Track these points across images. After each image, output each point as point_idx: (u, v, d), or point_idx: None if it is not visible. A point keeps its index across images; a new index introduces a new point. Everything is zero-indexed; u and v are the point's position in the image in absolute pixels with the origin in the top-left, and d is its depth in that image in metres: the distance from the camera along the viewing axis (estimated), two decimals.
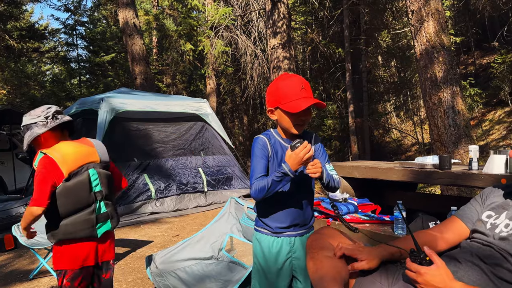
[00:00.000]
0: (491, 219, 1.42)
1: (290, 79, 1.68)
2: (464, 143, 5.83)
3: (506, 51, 14.37)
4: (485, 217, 1.45)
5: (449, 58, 6.21)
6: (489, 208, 1.47)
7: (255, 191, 1.61)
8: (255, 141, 1.74)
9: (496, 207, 1.45)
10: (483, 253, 1.33)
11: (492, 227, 1.39)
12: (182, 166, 5.97)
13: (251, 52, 10.43)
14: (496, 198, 1.50)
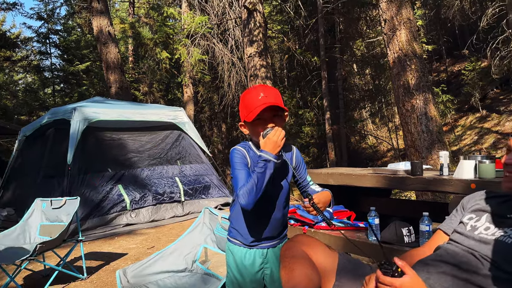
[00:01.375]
0: (471, 221, 1.43)
1: (251, 91, 1.64)
2: (437, 149, 5.96)
3: (476, 59, 14.86)
4: (466, 219, 1.46)
5: (421, 65, 6.36)
6: (470, 211, 1.49)
7: (244, 196, 1.51)
8: (232, 152, 1.68)
9: (476, 210, 1.47)
10: (459, 260, 1.33)
11: (472, 229, 1.40)
12: (158, 175, 5.88)
13: (228, 60, 10.43)
14: (477, 202, 1.51)
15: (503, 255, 1.24)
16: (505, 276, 1.23)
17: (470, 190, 2.41)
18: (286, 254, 1.54)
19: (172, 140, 6.36)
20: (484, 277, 1.25)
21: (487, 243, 1.31)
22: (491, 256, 1.26)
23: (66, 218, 3.41)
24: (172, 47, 11.61)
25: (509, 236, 1.28)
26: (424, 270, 1.35)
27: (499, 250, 1.26)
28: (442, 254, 1.39)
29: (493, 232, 1.33)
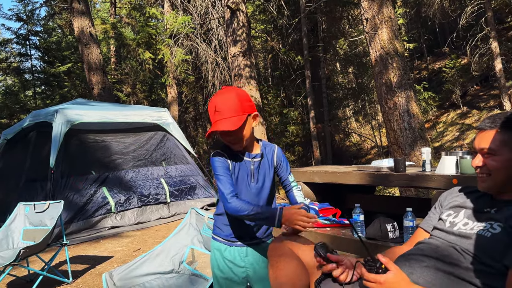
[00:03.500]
0: (450, 217, 1.46)
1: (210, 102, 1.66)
2: (419, 145, 6.05)
3: (456, 56, 15.15)
4: (445, 216, 1.49)
5: (403, 63, 6.45)
6: (448, 207, 1.52)
7: (235, 209, 1.56)
8: (213, 161, 1.69)
9: (454, 207, 1.50)
10: (441, 253, 1.36)
11: (451, 225, 1.43)
12: (143, 177, 5.83)
13: (212, 60, 10.40)
14: (454, 199, 1.55)
15: (483, 249, 1.28)
16: (486, 269, 1.26)
17: (452, 185, 2.46)
18: (273, 253, 1.55)
19: (157, 141, 6.31)
20: (466, 270, 1.28)
21: (467, 237, 1.34)
22: (471, 250, 1.30)
23: (50, 222, 3.36)
24: (155, 48, 11.52)
25: (488, 230, 1.31)
26: (406, 265, 1.37)
27: (479, 244, 1.29)
28: (424, 248, 1.42)
29: (472, 227, 1.37)
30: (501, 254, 1.23)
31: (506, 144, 1.33)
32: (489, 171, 1.36)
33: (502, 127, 1.34)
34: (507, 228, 1.27)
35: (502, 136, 1.34)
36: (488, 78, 14.87)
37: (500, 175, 1.34)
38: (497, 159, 1.34)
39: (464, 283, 1.28)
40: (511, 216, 1.29)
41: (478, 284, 1.26)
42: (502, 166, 1.33)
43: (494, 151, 1.34)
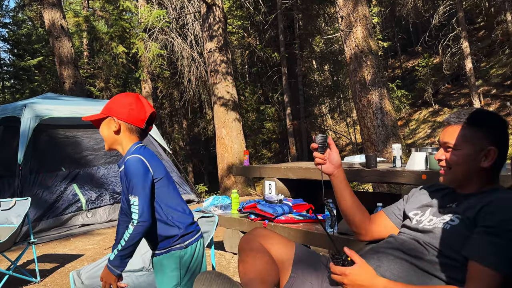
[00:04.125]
0: (417, 216, 1.49)
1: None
2: (392, 142, 6.16)
3: (429, 55, 15.51)
4: (412, 215, 1.52)
5: (377, 62, 6.54)
6: (416, 207, 1.55)
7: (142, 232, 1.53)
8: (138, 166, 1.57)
9: (421, 206, 1.53)
10: (407, 246, 1.39)
11: (417, 223, 1.46)
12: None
13: (188, 55, 10.28)
14: (422, 198, 1.58)
15: (444, 241, 1.31)
16: (448, 261, 1.29)
17: (421, 180, 2.51)
18: (244, 248, 1.54)
19: None
20: (429, 262, 1.31)
21: (430, 231, 1.37)
22: (433, 243, 1.33)
23: (16, 219, 3.26)
24: (129, 42, 11.30)
25: (447, 223, 1.34)
26: (375, 258, 1.40)
27: (440, 236, 1.32)
28: (391, 242, 1.45)
29: (435, 222, 1.40)
30: (460, 246, 1.27)
31: (467, 140, 1.36)
32: (450, 165, 1.39)
33: (466, 123, 1.37)
34: (465, 219, 1.30)
35: (464, 131, 1.36)
36: (459, 77, 15.30)
37: (460, 169, 1.37)
38: (458, 154, 1.37)
39: (428, 275, 1.31)
40: (469, 208, 1.32)
41: (441, 276, 1.29)
42: (462, 160, 1.36)
43: (456, 145, 1.37)
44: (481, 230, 1.24)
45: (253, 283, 1.34)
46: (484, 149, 1.35)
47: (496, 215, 1.23)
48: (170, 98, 17.22)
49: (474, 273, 1.19)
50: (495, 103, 12.75)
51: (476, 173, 1.37)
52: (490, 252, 1.18)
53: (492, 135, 1.37)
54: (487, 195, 1.34)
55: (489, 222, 1.23)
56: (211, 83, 8.73)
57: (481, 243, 1.21)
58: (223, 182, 8.68)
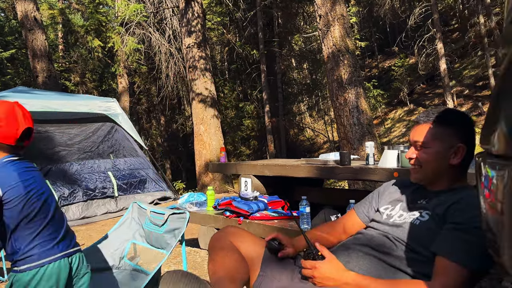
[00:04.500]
0: (387, 211, 1.51)
1: None
2: (367, 140, 6.24)
3: (405, 56, 15.79)
4: (383, 209, 1.53)
5: (354, 61, 6.61)
6: (387, 202, 1.56)
7: None
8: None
9: (392, 201, 1.55)
10: (375, 242, 1.40)
11: (388, 218, 1.47)
12: (89, 170, 5.60)
13: (166, 50, 10.15)
14: (392, 193, 1.59)
15: (413, 236, 1.33)
16: (416, 256, 1.31)
17: (393, 178, 2.55)
18: (215, 246, 1.53)
19: (104, 133, 6.07)
20: (397, 257, 1.33)
21: (399, 226, 1.39)
22: (402, 238, 1.35)
23: None
24: (105, 35, 11.06)
25: (417, 218, 1.37)
26: (345, 254, 1.41)
27: (409, 232, 1.34)
28: (360, 238, 1.47)
29: (405, 217, 1.42)
30: (429, 241, 1.29)
31: (437, 137, 1.38)
32: (420, 163, 1.41)
33: (434, 121, 1.40)
34: (434, 216, 1.33)
35: (434, 129, 1.39)
36: (433, 78, 15.64)
37: (430, 167, 1.40)
38: (428, 152, 1.39)
39: (396, 270, 1.33)
40: (438, 205, 1.35)
41: (408, 271, 1.31)
42: (432, 158, 1.39)
43: (426, 143, 1.39)
44: (450, 227, 1.27)
45: (222, 281, 1.33)
46: (453, 146, 1.37)
47: (465, 212, 1.26)
48: (148, 93, 16.98)
49: (442, 268, 1.22)
50: (467, 103, 13.10)
51: (446, 170, 1.40)
52: (458, 248, 1.21)
53: (461, 132, 1.40)
54: (457, 192, 1.37)
55: (458, 219, 1.26)
56: (189, 79, 8.64)
57: (449, 239, 1.24)
58: (201, 179, 8.62)
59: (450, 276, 1.19)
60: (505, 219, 0.70)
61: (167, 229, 2.06)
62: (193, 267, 3.17)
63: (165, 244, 2.06)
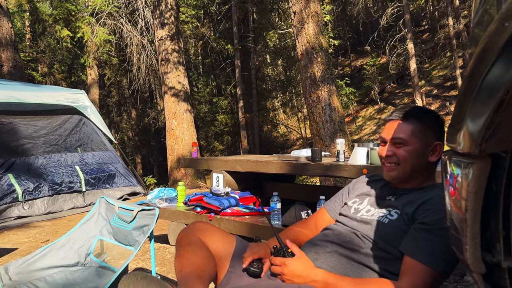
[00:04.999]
0: (355, 204, 1.52)
1: None
2: (339, 137, 6.33)
3: (376, 55, 16.09)
4: (351, 203, 1.54)
5: (327, 59, 6.67)
6: (355, 195, 1.57)
7: None
8: None
9: (360, 195, 1.56)
10: (344, 239, 1.41)
11: (355, 212, 1.48)
12: (56, 164, 5.41)
13: (138, 42, 9.93)
14: (361, 187, 1.61)
15: (381, 235, 1.34)
16: (384, 254, 1.32)
17: (362, 174, 2.58)
18: (182, 242, 1.50)
19: (72, 126, 5.89)
20: (365, 255, 1.34)
21: (367, 223, 1.40)
22: (370, 236, 1.36)
23: None
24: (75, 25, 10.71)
25: (386, 217, 1.38)
26: (312, 251, 1.41)
27: (377, 229, 1.36)
28: (329, 234, 1.47)
29: (373, 213, 1.43)
30: (397, 240, 1.30)
31: (416, 135, 1.38)
32: (398, 160, 1.40)
33: (413, 119, 1.40)
34: (403, 215, 1.34)
35: (413, 127, 1.39)
36: (403, 77, 16.02)
37: (409, 165, 1.39)
38: (407, 149, 1.38)
39: (363, 267, 1.34)
40: (407, 204, 1.36)
41: (376, 269, 1.32)
42: (411, 155, 1.38)
43: (405, 141, 1.38)
44: (418, 227, 1.28)
45: (189, 278, 1.30)
46: (431, 144, 1.39)
47: (434, 212, 1.27)
48: (119, 86, 16.59)
49: (409, 268, 1.23)
50: (435, 102, 13.49)
51: (423, 168, 1.41)
52: (425, 249, 1.22)
53: (437, 130, 1.41)
54: (426, 191, 1.38)
55: (426, 219, 1.27)
56: (162, 72, 8.50)
57: (417, 239, 1.25)
58: (172, 175, 8.51)
59: (417, 276, 1.21)
60: (468, 216, 0.71)
61: (135, 225, 2.01)
62: (162, 263, 3.12)
63: (133, 241, 2.02)
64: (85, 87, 14.63)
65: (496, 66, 0.59)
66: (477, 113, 0.64)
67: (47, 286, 2.01)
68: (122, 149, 7.32)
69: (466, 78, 0.70)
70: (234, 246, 1.54)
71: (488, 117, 0.61)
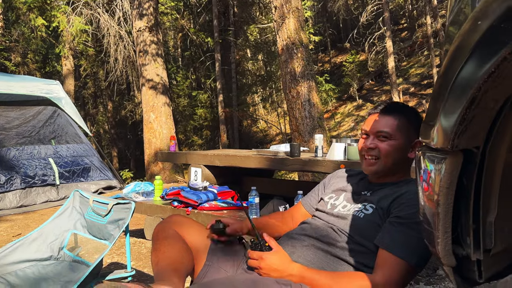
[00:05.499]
0: (331, 200, 1.53)
1: None
2: (318, 133, 6.38)
3: (356, 52, 16.26)
4: (327, 198, 1.55)
5: (307, 54, 6.70)
6: (331, 190, 1.59)
7: None
8: None
9: (336, 190, 1.57)
10: (320, 233, 1.42)
11: (332, 207, 1.50)
12: (28, 156, 5.27)
13: (115, 33, 9.73)
14: (337, 182, 1.62)
15: (356, 229, 1.37)
16: (359, 248, 1.35)
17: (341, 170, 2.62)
18: (158, 236, 1.48)
19: (46, 117, 5.73)
20: (341, 249, 1.36)
21: (344, 218, 1.42)
22: (346, 230, 1.38)
23: None
24: (50, 14, 10.39)
25: (361, 211, 1.40)
26: (289, 244, 1.42)
27: (353, 224, 1.38)
28: (306, 228, 1.48)
29: (349, 208, 1.45)
30: (372, 234, 1.33)
31: (401, 131, 1.40)
32: (379, 154, 1.41)
33: (398, 114, 1.42)
34: (378, 209, 1.37)
35: (398, 122, 1.41)
36: (381, 75, 16.26)
37: (392, 159, 1.41)
38: (391, 144, 1.40)
39: (339, 261, 1.36)
40: (382, 198, 1.39)
41: (351, 262, 1.34)
42: (394, 150, 1.40)
43: (390, 135, 1.40)
44: (392, 220, 1.30)
45: (165, 272, 1.29)
46: (412, 140, 1.41)
47: (408, 206, 1.30)
48: (95, 77, 16.22)
49: (383, 261, 1.26)
50: (412, 100, 13.76)
51: (403, 163, 1.44)
52: (399, 242, 1.25)
53: (419, 128, 1.44)
54: (401, 185, 1.41)
55: (401, 213, 1.30)
56: (140, 64, 8.36)
57: (391, 233, 1.28)
58: (150, 169, 8.42)
59: (391, 268, 1.23)
60: (440, 210, 0.72)
61: (110, 219, 1.98)
62: (137, 258, 3.09)
63: (108, 235, 1.98)
64: (60, 78, 14.25)
65: (469, 63, 0.60)
66: (450, 109, 0.65)
67: (18, 280, 1.96)
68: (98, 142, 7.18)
69: (441, 75, 0.71)
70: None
71: (460, 113, 0.62)
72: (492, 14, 0.53)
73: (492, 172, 0.70)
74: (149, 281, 2.47)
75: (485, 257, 0.72)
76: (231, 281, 1.26)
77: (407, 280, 1.27)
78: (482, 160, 0.69)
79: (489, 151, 0.68)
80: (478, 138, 0.67)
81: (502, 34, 0.53)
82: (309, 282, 1.26)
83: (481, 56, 0.57)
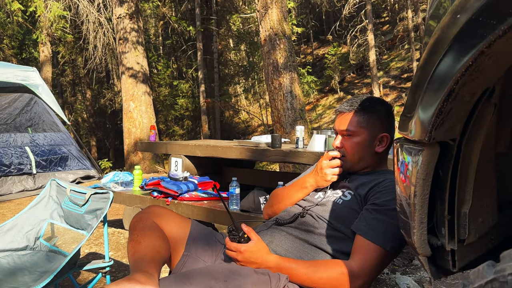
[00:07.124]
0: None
1: None
2: (299, 125, 6.41)
3: (338, 44, 16.34)
4: None
5: (289, 46, 6.69)
6: None
7: None
8: None
9: None
10: (299, 221, 1.44)
11: (312, 194, 1.51)
12: (4, 144, 5.12)
13: (95, 19, 9.50)
14: None
15: (335, 215, 1.39)
16: (337, 234, 1.37)
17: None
18: (136, 226, 1.46)
19: (22, 105, 5.58)
20: (319, 235, 1.38)
21: (323, 204, 1.44)
22: (325, 216, 1.40)
23: None
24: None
25: (340, 197, 1.43)
26: (268, 234, 1.43)
27: (332, 210, 1.40)
28: (284, 216, 1.49)
29: (329, 195, 1.47)
30: (350, 220, 1.35)
31: (363, 126, 1.44)
32: (345, 152, 1.46)
33: (359, 110, 1.45)
34: (356, 196, 1.40)
35: (359, 118, 1.44)
36: (363, 67, 16.40)
37: (356, 156, 1.45)
38: (354, 140, 1.44)
39: (317, 250, 1.37)
40: (361, 185, 1.42)
41: (329, 250, 1.36)
42: (358, 146, 1.44)
43: (353, 132, 1.44)
44: (369, 207, 1.33)
45: (142, 262, 1.28)
46: (378, 134, 1.44)
47: (385, 194, 1.33)
48: (73, 65, 15.85)
49: (360, 247, 1.28)
50: (392, 93, 13.96)
51: (371, 157, 1.47)
52: (374, 228, 1.28)
53: (385, 120, 1.47)
54: (378, 174, 1.45)
55: (377, 200, 1.33)
56: (120, 52, 8.21)
57: (368, 219, 1.30)
58: (129, 158, 8.31)
59: (367, 254, 1.26)
60: (416, 201, 0.74)
61: (88, 209, 1.95)
62: (116, 248, 3.06)
63: (86, 225, 1.95)
64: (37, 64, 13.85)
65: (448, 57, 0.61)
66: (428, 102, 0.66)
67: None
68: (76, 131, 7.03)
69: (419, 68, 0.72)
70: (189, 230, 1.53)
71: (438, 106, 0.63)
72: (471, 8, 0.54)
73: (468, 164, 0.72)
74: (127, 271, 2.45)
75: (459, 247, 0.74)
76: (210, 271, 1.25)
77: (382, 266, 1.30)
78: (458, 152, 0.70)
79: (465, 143, 0.70)
80: (455, 130, 0.68)
81: (480, 27, 0.53)
82: (287, 272, 1.27)
83: (459, 50, 0.58)
